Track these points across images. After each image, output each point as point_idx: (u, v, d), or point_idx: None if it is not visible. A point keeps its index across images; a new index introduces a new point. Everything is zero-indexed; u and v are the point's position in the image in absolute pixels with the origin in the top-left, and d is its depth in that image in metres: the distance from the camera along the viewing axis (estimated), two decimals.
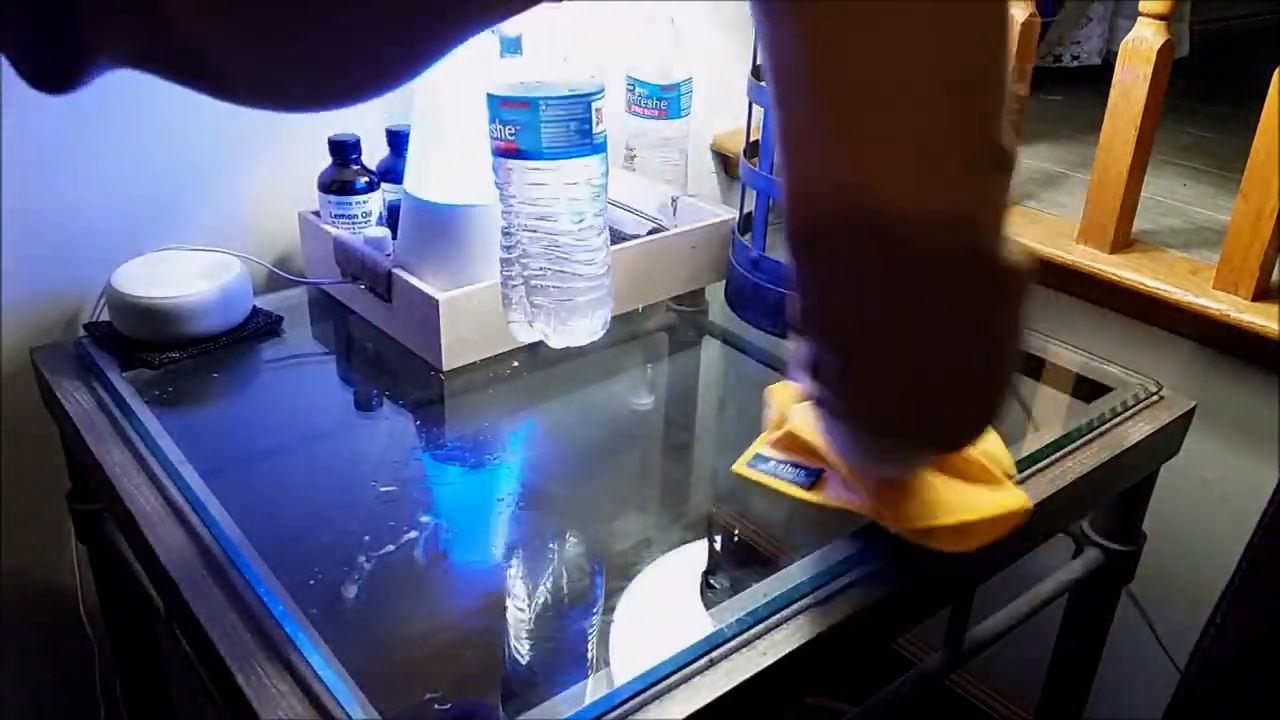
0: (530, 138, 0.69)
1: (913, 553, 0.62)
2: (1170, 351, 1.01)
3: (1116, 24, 1.66)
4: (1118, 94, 0.99)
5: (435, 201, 0.86)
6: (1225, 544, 1.01)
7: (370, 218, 0.97)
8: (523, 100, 0.69)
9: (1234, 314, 0.92)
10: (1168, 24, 0.96)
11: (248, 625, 0.59)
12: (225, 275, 0.89)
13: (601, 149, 0.72)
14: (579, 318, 0.75)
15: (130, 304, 0.86)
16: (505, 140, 0.70)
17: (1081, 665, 0.99)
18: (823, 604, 0.62)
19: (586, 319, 0.76)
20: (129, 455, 0.74)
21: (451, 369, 0.86)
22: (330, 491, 0.73)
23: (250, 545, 0.64)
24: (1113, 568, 0.90)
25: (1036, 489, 0.74)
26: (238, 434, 0.82)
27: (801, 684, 0.62)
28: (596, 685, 0.55)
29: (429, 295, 0.84)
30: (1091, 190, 1.03)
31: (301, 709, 0.53)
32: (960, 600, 0.75)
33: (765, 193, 0.86)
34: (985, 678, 1.31)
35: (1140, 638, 1.10)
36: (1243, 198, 0.91)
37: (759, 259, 0.86)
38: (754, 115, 0.88)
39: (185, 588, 0.62)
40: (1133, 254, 1.03)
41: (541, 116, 0.69)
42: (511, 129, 0.69)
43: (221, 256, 0.92)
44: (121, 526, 0.75)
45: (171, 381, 0.85)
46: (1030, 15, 1.06)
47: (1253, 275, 0.92)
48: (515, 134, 0.69)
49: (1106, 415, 0.83)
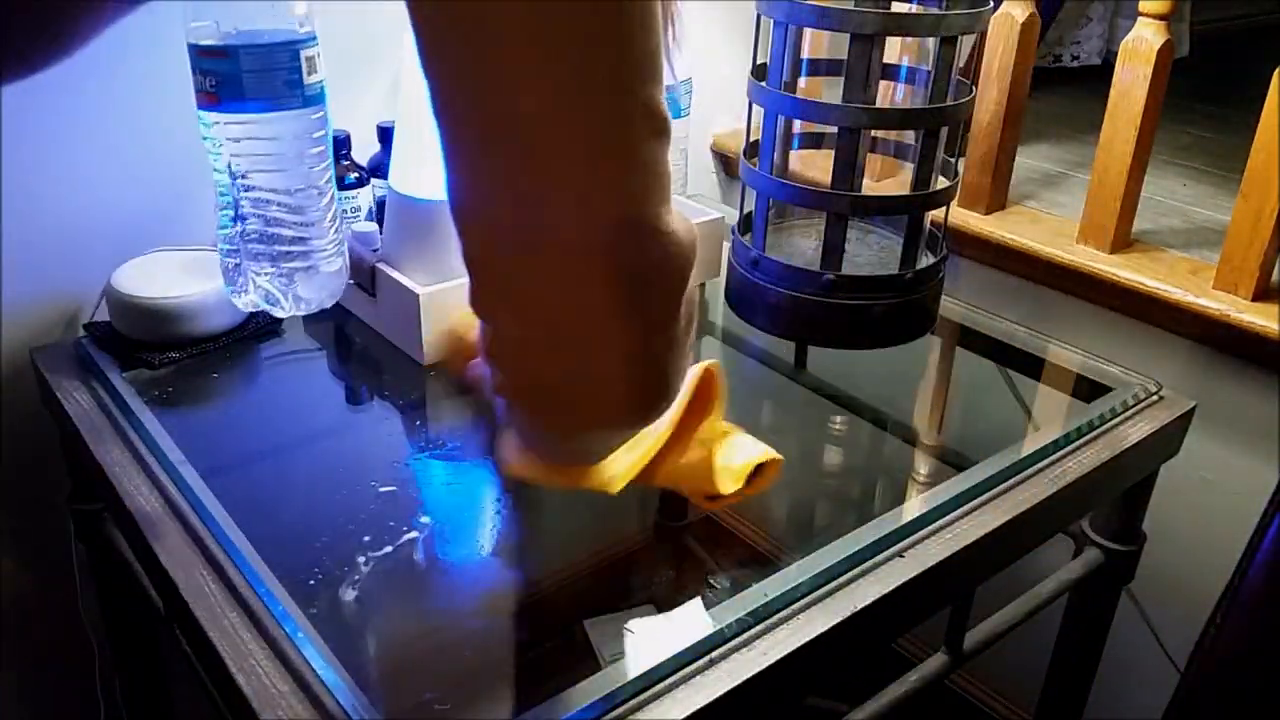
0: (232, 89, 0.62)
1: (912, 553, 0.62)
2: (1170, 351, 1.01)
3: (1116, 24, 1.66)
4: (1118, 94, 0.99)
5: (419, 197, 0.87)
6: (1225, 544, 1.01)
7: (360, 213, 0.97)
8: (222, 49, 0.61)
9: (1234, 314, 0.92)
10: (1168, 24, 0.96)
11: (248, 625, 0.59)
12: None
13: (316, 102, 0.65)
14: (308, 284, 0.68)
15: (130, 304, 0.86)
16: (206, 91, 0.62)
17: (1081, 665, 0.99)
18: (823, 604, 0.63)
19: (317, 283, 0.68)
20: (129, 455, 0.74)
21: (432, 363, 0.86)
22: (330, 491, 0.73)
23: (250, 545, 0.64)
24: (1113, 568, 0.90)
25: (1036, 489, 0.74)
26: (237, 434, 0.82)
27: (801, 684, 0.62)
28: (596, 685, 0.55)
29: (410, 289, 0.85)
30: (1091, 190, 1.03)
31: (301, 709, 0.53)
32: (960, 600, 0.75)
33: (765, 193, 0.86)
34: (985, 678, 1.31)
35: (1140, 638, 1.10)
36: (1243, 198, 0.91)
37: (759, 259, 0.86)
38: (754, 115, 0.88)
39: (185, 587, 0.62)
40: (1133, 254, 1.03)
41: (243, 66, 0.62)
42: (212, 80, 0.62)
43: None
44: (121, 526, 0.75)
45: (171, 381, 0.85)
46: (1030, 15, 1.06)
47: (1253, 275, 0.92)
48: (216, 85, 0.62)
49: (1106, 415, 0.83)
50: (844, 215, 0.83)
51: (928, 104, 0.83)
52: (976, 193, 1.13)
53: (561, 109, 0.31)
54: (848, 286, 0.84)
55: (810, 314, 0.85)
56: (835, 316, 0.85)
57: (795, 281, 0.85)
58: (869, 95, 0.80)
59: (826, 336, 0.87)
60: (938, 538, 0.69)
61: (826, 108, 0.81)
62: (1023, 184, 1.21)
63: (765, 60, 0.84)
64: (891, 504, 0.72)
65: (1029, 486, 0.75)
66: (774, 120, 0.85)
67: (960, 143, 1.04)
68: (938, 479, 0.75)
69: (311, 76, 0.64)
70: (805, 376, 0.98)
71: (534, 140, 0.32)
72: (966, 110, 0.83)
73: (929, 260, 0.88)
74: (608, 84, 0.31)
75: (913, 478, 0.84)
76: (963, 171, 1.13)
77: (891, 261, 0.90)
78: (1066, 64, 1.68)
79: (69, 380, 0.84)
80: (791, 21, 0.80)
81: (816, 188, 0.83)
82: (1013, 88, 1.08)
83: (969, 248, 1.13)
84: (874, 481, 0.85)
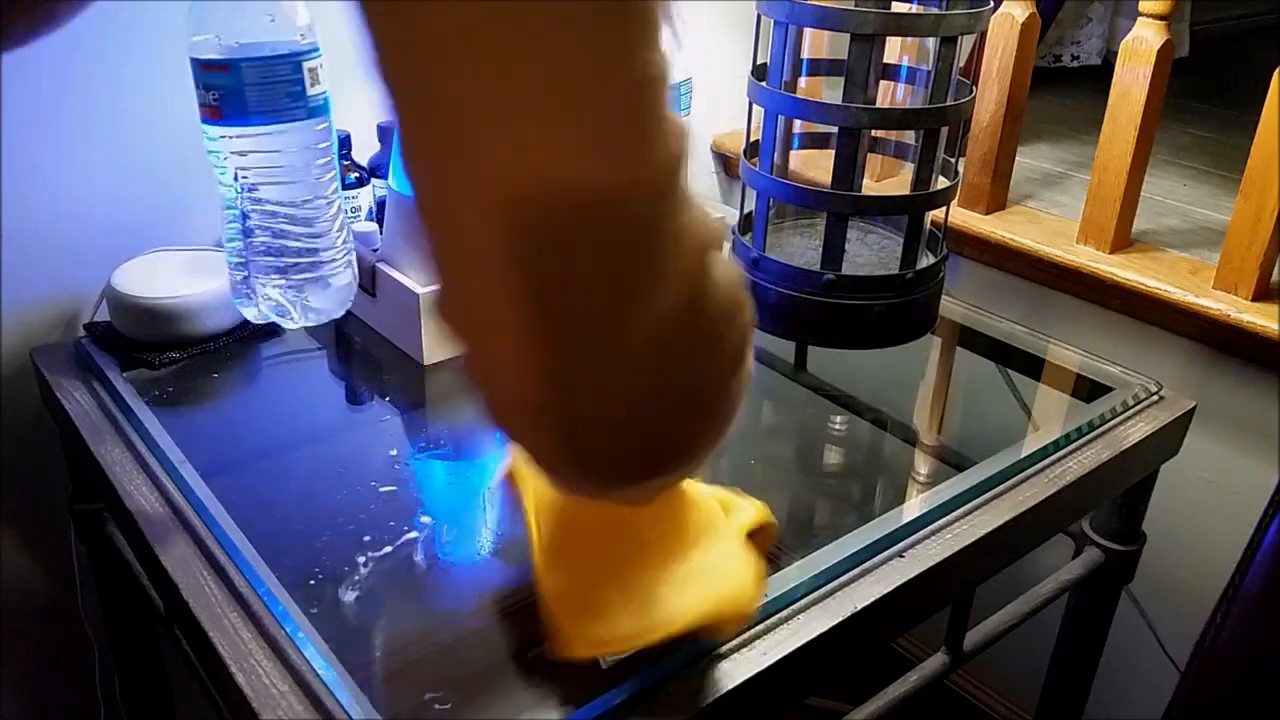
0: (235, 102, 0.62)
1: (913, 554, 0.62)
2: (1170, 351, 1.01)
3: (1116, 24, 1.66)
4: (1118, 94, 0.99)
5: None
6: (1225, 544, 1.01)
7: (360, 212, 0.97)
8: (224, 63, 0.61)
9: (1234, 314, 0.92)
10: (1168, 24, 0.96)
11: (248, 625, 0.59)
12: (225, 275, 0.89)
13: (321, 112, 0.65)
14: (318, 294, 0.68)
15: (130, 304, 0.86)
16: (209, 105, 0.62)
17: (1081, 665, 0.99)
18: (822, 604, 0.63)
19: (327, 294, 0.68)
20: (129, 455, 0.74)
21: (433, 363, 0.86)
22: (330, 491, 0.73)
23: (250, 545, 0.64)
24: (1113, 568, 0.90)
25: (1036, 489, 0.74)
26: (237, 434, 0.82)
27: (801, 684, 0.62)
28: (597, 684, 0.55)
29: (410, 289, 0.85)
30: (1091, 190, 1.03)
31: (301, 709, 0.53)
32: (960, 600, 0.75)
33: (765, 193, 0.86)
34: (985, 678, 1.31)
35: (1140, 638, 1.10)
36: (1243, 198, 0.91)
37: (759, 259, 0.86)
38: (754, 115, 0.88)
39: (185, 587, 0.62)
40: (1133, 254, 1.03)
41: (245, 80, 0.61)
42: (215, 94, 0.62)
43: (221, 256, 0.92)
44: (121, 526, 0.75)
45: (171, 381, 0.85)
46: (1030, 15, 1.06)
47: (1253, 275, 0.92)
48: (219, 99, 0.62)
49: (1106, 415, 0.83)
50: (844, 215, 0.83)
51: (928, 104, 0.83)
52: (976, 193, 1.13)
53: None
54: (848, 286, 0.84)
55: (810, 314, 0.85)
56: (835, 316, 0.85)
57: (795, 281, 0.85)
58: (869, 95, 0.80)
59: (826, 336, 0.87)
60: (938, 538, 0.69)
61: (826, 108, 0.81)
62: (1023, 184, 1.21)
63: (765, 60, 0.84)
64: (891, 504, 0.72)
65: (1029, 486, 0.75)
66: (774, 120, 0.85)
67: (960, 143, 1.04)
68: (938, 479, 0.75)
69: (314, 88, 0.64)
70: (805, 376, 0.98)
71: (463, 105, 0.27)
72: (966, 110, 0.83)
73: (929, 260, 0.88)
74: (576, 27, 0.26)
75: (913, 478, 0.84)
76: (963, 171, 1.13)
77: (891, 261, 0.90)
78: (1066, 64, 1.68)
79: (69, 380, 0.84)
80: (791, 21, 0.80)
81: (816, 188, 0.83)
82: (1013, 88, 1.08)
83: (969, 248, 1.13)
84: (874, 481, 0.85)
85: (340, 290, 0.68)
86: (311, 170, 0.65)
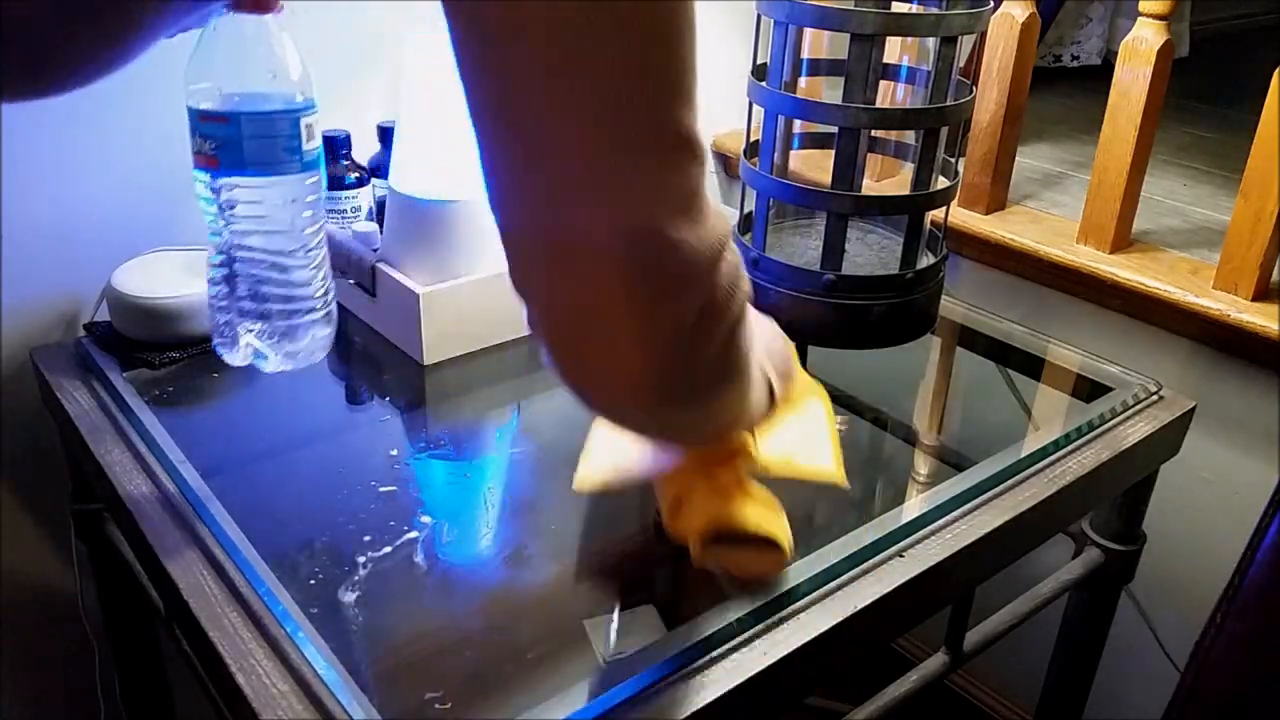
0: (232, 153, 0.63)
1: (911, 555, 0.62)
2: (1170, 351, 1.01)
3: (1116, 24, 1.66)
4: (1118, 94, 0.99)
5: (419, 197, 0.87)
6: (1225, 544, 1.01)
7: (360, 212, 0.97)
8: (224, 115, 0.62)
9: (1234, 314, 0.92)
10: (1168, 24, 0.96)
11: (248, 625, 0.59)
12: None
13: (313, 167, 0.66)
14: (296, 341, 0.70)
15: (130, 304, 0.86)
16: (206, 154, 0.64)
17: (1081, 665, 0.99)
18: (822, 604, 0.63)
19: (304, 342, 0.70)
20: (129, 455, 0.74)
21: (432, 363, 0.87)
22: (330, 491, 0.73)
23: (250, 545, 0.64)
24: (1113, 568, 0.90)
25: (1036, 489, 0.74)
26: (237, 434, 0.82)
27: (801, 684, 0.62)
28: (596, 685, 0.55)
29: (410, 289, 0.85)
30: (1091, 190, 1.03)
31: (301, 709, 0.53)
32: (960, 600, 0.75)
33: (765, 193, 0.86)
34: (985, 678, 1.31)
35: (1140, 638, 1.10)
36: (1243, 198, 0.91)
37: (759, 259, 0.86)
38: (754, 115, 0.88)
39: (185, 587, 0.62)
40: (1133, 254, 1.03)
41: (245, 133, 0.63)
42: (212, 144, 0.63)
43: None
44: (121, 526, 0.75)
45: (171, 381, 0.85)
46: (1030, 15, 1.06)
47: (1253, 275, 0.92)
48: (216, 149, 0.63)
49: (1106, 415, 0.83)
50: (844, 215, 0.83)
51: (928, 104, 0.83)
52: (976, 193, 1.13)
53: (587, 129, 0.37)
54: (848, 286, 0.84)
55: (810, 314, 0.85)
56: (835, 316, 0.85)
57: (795, 281, 0.85)
58: (869, 95, 0.80)
59: (826, 336, 0.87)
60: (938, 538, 0.69)
61: (826, 108, 0.81)
62: (1023, 184, 1.21)
63: (765, 60, 0.84)
64: (891, 504, 0.72)
65: (1029, 486, 0.75)
66: (774, 120, 0.85)
67: (960, 143, 1.04)
68: (938, 479, 0.75)
69: (309, 143, 0.66)
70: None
71: (561, 156, 0.37)
72: (966, 110, 0.83)
73: (929, 260, 0.88)
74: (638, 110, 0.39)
75: (913, 478, 0.84)
76: (963, 171, 1.13)
77: (891, 261, 0.90)
78: (1066, 64, 1.68)
79: (69, 380, 0.84)
80: (791, 21, 0.80)
81: (816, 188, 0.83)
82: (1013, 88, 1.08)
83: (969, 248, 1.13)
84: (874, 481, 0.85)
85: (320, 339, 0.70)
86: (298, 222, 0.66)
